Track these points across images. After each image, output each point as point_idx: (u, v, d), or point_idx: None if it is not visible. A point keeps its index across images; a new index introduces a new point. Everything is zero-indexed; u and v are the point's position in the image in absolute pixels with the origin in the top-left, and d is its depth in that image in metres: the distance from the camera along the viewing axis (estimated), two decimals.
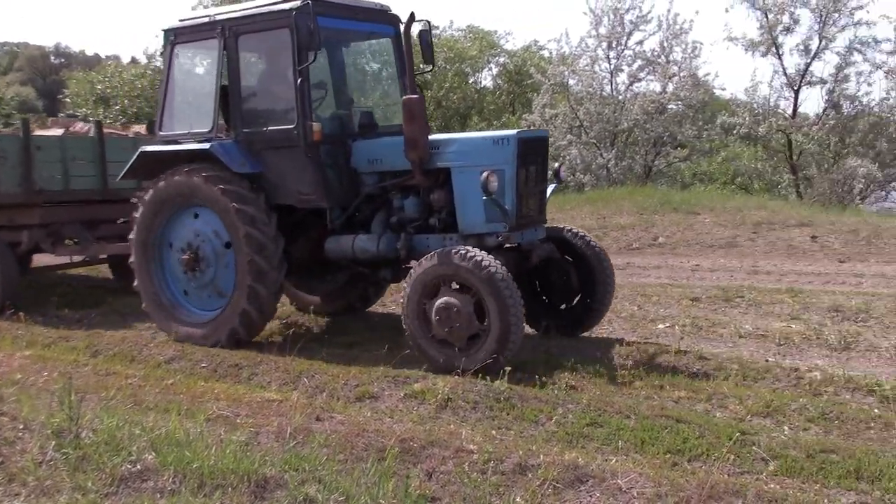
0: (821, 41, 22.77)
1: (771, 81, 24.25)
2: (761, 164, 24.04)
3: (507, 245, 7.60)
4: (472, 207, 7.50)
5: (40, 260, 12.26)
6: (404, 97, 7.61)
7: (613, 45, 24.99)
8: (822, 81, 23.18)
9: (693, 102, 24.13)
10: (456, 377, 6.67)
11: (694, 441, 5.38)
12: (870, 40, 22.76)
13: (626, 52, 25.12)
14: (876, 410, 6.01)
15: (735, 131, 23.09)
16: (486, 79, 40.55)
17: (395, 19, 8.79)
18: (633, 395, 6.27)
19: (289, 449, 5.11)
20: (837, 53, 22.83)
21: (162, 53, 8.80)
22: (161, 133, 8.68)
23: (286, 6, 7.72)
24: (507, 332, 6.78)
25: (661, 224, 15.48)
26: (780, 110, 23.65)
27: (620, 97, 25.03)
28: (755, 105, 23.49)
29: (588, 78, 25.01)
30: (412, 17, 7.49)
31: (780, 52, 23.35)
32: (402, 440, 5.31)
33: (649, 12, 24.92)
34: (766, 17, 22.99)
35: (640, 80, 25.34)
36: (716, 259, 13.09)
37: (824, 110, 23.13)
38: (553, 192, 8.26)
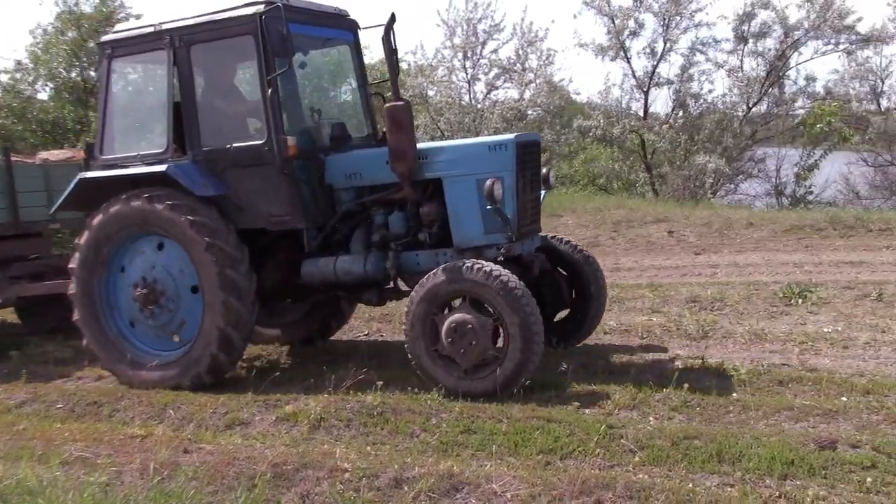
0: (665, 43, 23.77)
1: (622, 84, 25.16)
2: (618, 165, 24.85)
3: (506, 257, 7.08)
4: (468, 219, 7.04)
5: None
6: (387, 104, 6.99)
7: (469, 55, 25.37)
8: (669, 82, 24.19)
9: (551, 108, 24.76)
10: (328, 395, 6.57)
11: (565, 439, 5.47)
12: (710, 40, 23.97)
13: (482, 61, 25.57)
14: (734, 395, 6.27)
15: (591, 134, 23.81)
16: (347, 94, 40.39)
17: (354, 24, 8.27)
18: (505, 399, 6.32)
19: (153, 486, 4.90)
20: (681, 55, 23.91)
21: (97, 69, 8.16)
22: (102, 157, 7.76)
23: (248, 11, 7.07)
24: (530, 350, 6.36)
25: None
26: (632, 112, 24.57)
27: (480, 105, 25.42)
28: (609, 107, 24.31)
29: (446, 88, 25.30)
30: (393, 18, 6.96)
31: (629, 56, 24.23)
32: (275, 465, 5.19)
33: (502, 21, 25.44)
34: (613, 22, 23.83)
35: (497, 87, 25.84)
36: None
37: (672, 109, 24.14)
38: (543, 198, 7.77)
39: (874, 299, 9.09)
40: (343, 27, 8.15)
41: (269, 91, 7.03)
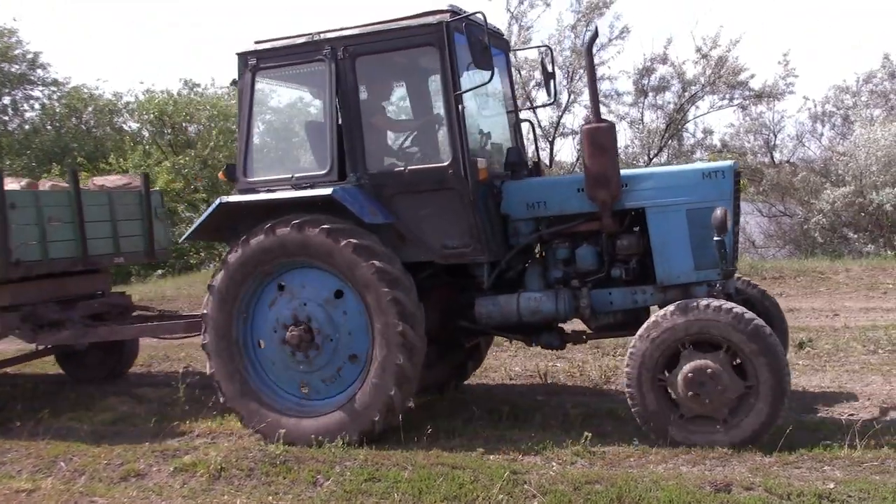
0: (570, 95, 24.44)
1: (528, 134, 25.68)
2: None
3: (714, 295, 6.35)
4: (676, 253, 6.43)
5: None
6: (587, 126, 6.50)
7: None
8: (574, 132, 24.85)
9: None
10: (228, 444, 6.41)
11: (469, 486, 5.46)
12: (612, 93, 24.78)
13: None
14: (635, 439, 6.37)
15: None
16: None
17: (506, 45, 7.70)
18: (410, 445, 6.29)
19: None
20: (584, 106, 24.65)
21: (236, 82, 7.03)
22: (248, 179, 6.97)
23: (431, 20, 6.42)
24: (783, 388, 5.80)
25: None
26: (537, 161, 25.10)
27: None
28: None
29: None
30: (596, 33, 6.51)
31: (534, 107, 24.82)
32: None
33: None
34: (520, 74, 24.41)
35: None
36: None
37: (577, 159, 24.78)
38: None
39: None
40: (498, 46, 7.29)
41: (458, 108, 6.41)
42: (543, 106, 7.20)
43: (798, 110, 38.27)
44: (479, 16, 6.47)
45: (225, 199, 6.83)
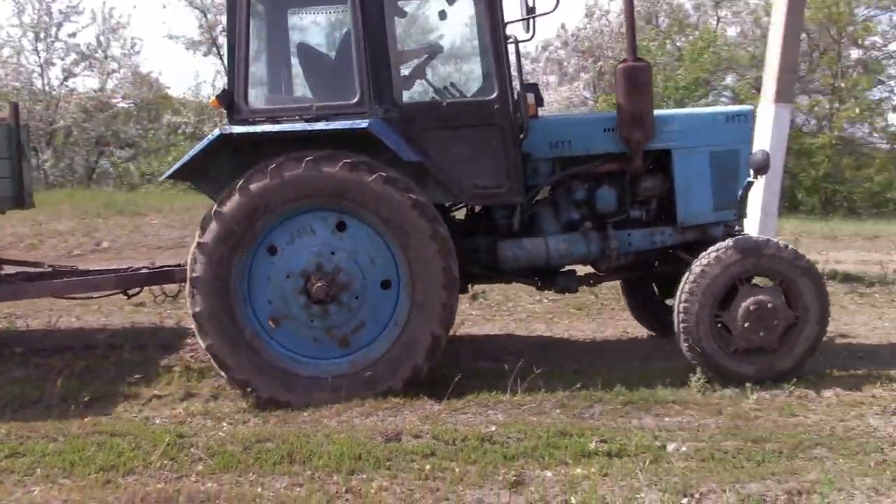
0: None
1: (213, 81, 24.68)
2: None
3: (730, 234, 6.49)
4: (698, 194, 6.53)
5: None
6: (622, 64, 6.30)
7: (42, 37, 23.13)
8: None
9: (137, 100, 23.49)
10: None
11: (129, 454, 5.03)
12: None
13: (58, 44, 23.49)
14: None
15: (181, 130, 23.02)
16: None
17: None
18: (62, 415, 5.71)
19: None
20: None
21: None
22: (252, 107, 5.99)
23: None
24: (826, 318, 6.14)
25: (104, 228, 14.67)
26: (223, 110, 24.15)
27: (55, 93, 23.30)
28: (200, 104, 23.68)
29: (14, 71, 22.81)
30: None
31: (221, 53, 23.83)
32: None
33: (80, 2, 23.60)
34: (206, 16, 23.29)
35: (76, 75, 23.91)
36: (165, 260, 12.78)
37: None
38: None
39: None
40: None
41: (505, 38, 6.02)
42: (524, 41, 6.31)
43: None
44: None
45: (228, 128, 5.85)
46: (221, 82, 24.03)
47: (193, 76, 38.40)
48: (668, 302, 7.39)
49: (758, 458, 4.84)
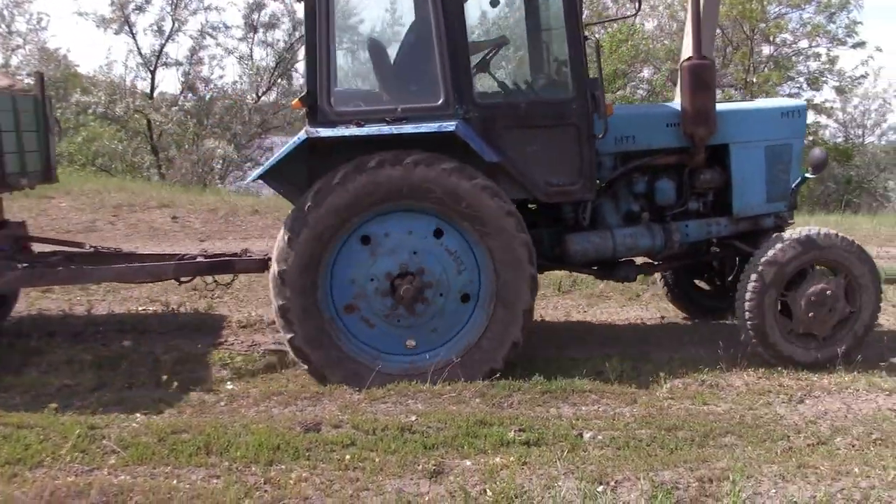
0: (174, 23, 23.19)
1: (126, 60, 24.09)
2: (122, 145, 23.62)
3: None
4: (753, 187, 6.84)
5: None
6: (688, 62, 6.59)
7: None
8: (178, 63, 23.67)
9: (45, 78, 22.63)
10: None
11: (37, 446, 4.86)
12: (220, 25, 23.99)
13: None
14: (228, 384, 6.19)
15: (91, 110, 22.30)
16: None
17: None
18: None
19: None
20: (191, 36, 23.54)
21: None
22: (336, 109, 6.00)
23: None
24: (875, 318, 6.58)
25: (10, 210, 14.12)
26: (137, 90, 23.54)
27: None
28: (112, 84, 22.98)
29: None
30: None
31: (134, 32, 23.19)
32: None
33: None
34: None
35: None
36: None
37: (181, 92, 23.66)
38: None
39: None
40: None
41: (584, 39, 6.18)
42: (624, 18, 7.47)
43: None
44: None
45: (314, 131, 5.91)
46: (135, 62, 23.41)
47: (106, 54, 37.17)
48: (703, 286, 8.20)
49: (671, 447, 4.97)
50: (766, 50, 26.63)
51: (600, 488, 4.42)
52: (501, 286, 6.07)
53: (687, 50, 10.09)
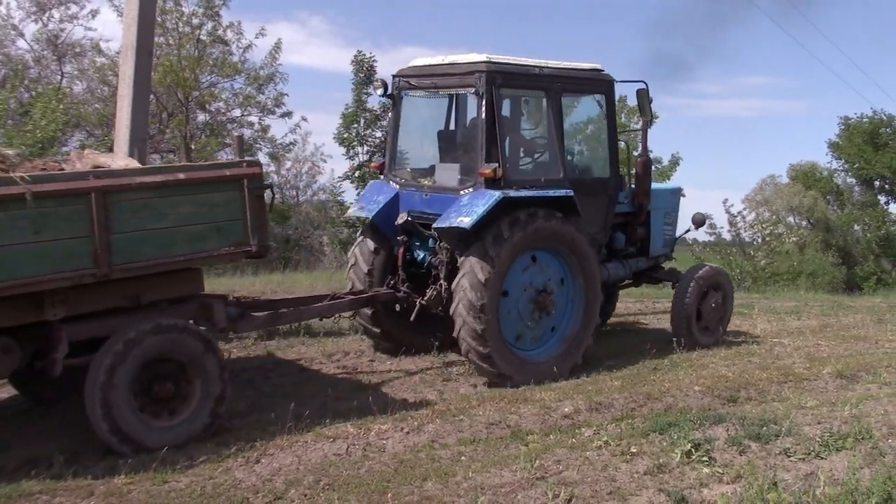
0: None
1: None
2: None
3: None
4: (658, 237, 10.75)
5: None
6: (641, 157, 10.39)
7: None
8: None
9: None
10: None
11: None
12: None
13: None
14: None
15: None
16: None
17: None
18: None
19: None
20: None
21: (480, 94, 8.51)
22: (510, 178, 8.66)
23: (605, 76, 9.60)
24: (731, 310, 11.05)
25: None
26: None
27: None
28: None
29: None
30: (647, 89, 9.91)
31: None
32: None
33: None
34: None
35: None
36: None
37: None
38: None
39: None
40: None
41: (617, 140, 9.77)
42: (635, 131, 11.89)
43: None
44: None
45: (507, 192, 8.44)
46: None
47: None
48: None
49: None
50: (202, 117, 27.43)
51: None
52: (582, 316, 9.15)
53: (122, 114, 10.01)
